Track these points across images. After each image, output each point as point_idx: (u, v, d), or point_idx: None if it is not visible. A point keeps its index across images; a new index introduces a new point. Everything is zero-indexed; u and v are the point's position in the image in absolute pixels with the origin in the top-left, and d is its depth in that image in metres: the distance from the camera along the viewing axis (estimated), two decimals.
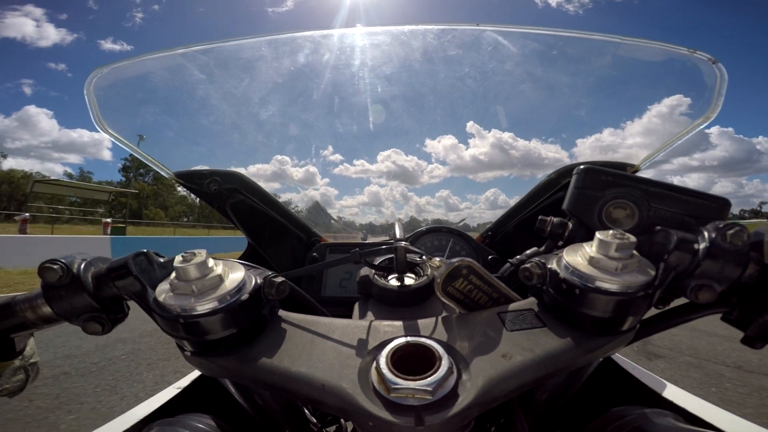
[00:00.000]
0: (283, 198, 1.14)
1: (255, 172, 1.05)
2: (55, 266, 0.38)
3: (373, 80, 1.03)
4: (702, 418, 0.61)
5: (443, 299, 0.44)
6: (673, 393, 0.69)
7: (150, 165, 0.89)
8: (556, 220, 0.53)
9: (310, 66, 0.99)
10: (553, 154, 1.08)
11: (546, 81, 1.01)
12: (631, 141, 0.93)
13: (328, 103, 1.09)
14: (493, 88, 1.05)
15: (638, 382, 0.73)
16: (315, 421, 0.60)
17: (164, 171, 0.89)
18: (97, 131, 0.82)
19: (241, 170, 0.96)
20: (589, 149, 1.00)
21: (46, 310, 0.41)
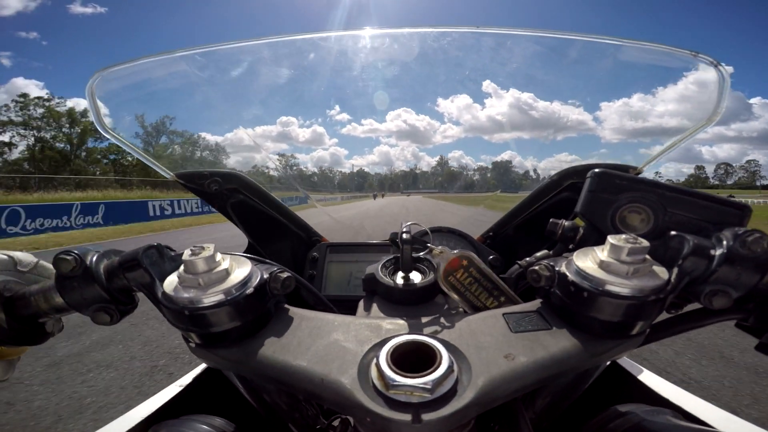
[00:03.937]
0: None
1: (261, 132, 1.00)
2: (69, 257, 0.39)
3: (382, 42, 0.95)
4: (699, 418, 0.61)
5: (445, 288, 0.45)
6: (671, 392, 0.69)
7: (151, 166, 0.88)
8: (567, 223, 0.52)
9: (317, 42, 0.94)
10: (576, 116, 1.03)
11: (548, 80, 1.00)
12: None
13: (336, 66, 1.02)
14: (510, 49, 1.00)
15: (637, 380, 0.73)
16: (320, 417, 0.60)
17: (165, 172, 0.89)
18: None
19: (260, 144, 0.87)
20: (596, 156, 0.97)
21: (59, 300, 0.42)
